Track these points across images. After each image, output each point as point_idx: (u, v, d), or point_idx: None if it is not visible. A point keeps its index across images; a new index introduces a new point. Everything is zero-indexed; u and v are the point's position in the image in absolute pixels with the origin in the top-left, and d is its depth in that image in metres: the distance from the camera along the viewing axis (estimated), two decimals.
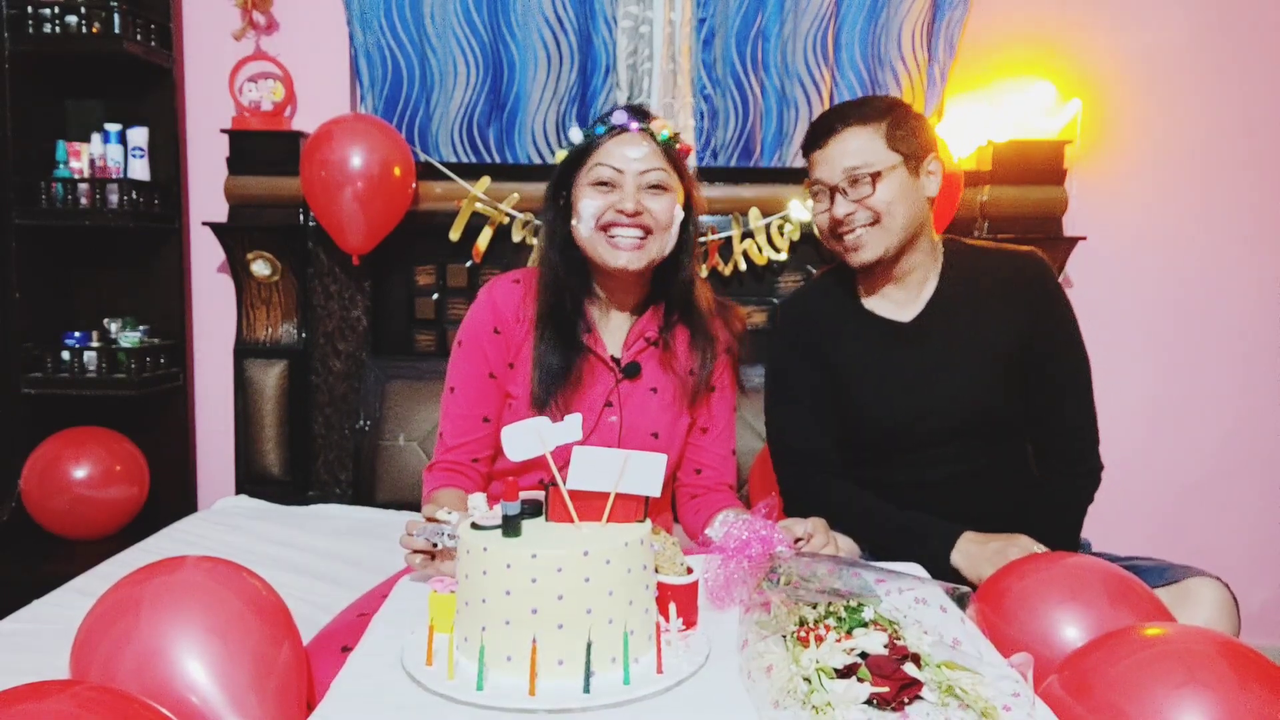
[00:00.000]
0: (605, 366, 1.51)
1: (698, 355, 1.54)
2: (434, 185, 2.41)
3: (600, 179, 1.44)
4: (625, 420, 1.48)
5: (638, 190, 1.43)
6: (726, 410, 1.62)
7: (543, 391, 1.45)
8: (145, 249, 2.56)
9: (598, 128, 1.47)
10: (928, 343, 1.58)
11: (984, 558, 1.44)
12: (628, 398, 1.50)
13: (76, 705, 0.87)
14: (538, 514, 1.05)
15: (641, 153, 1.44)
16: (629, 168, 1.43)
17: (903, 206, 1.52)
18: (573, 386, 1.47)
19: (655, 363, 1.53)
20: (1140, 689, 0.93)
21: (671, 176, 1.46)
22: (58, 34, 2.33)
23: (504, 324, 1.51)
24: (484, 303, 1.53)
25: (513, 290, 1.53)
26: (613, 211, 1.43)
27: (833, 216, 1.54)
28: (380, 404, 2.40)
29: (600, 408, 1.48)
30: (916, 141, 1.54)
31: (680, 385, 1.53)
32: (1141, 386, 2.58)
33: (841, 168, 1.51)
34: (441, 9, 2.47)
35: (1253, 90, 2.51)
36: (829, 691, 0.88)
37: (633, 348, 1.52)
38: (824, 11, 2.42)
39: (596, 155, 1.45)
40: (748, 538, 1.15)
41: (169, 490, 2.61)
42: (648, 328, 1.54)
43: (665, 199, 1.45)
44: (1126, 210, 2.55)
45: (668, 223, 1.45)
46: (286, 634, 1.12)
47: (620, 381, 1.50)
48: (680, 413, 1.54)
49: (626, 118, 1.46)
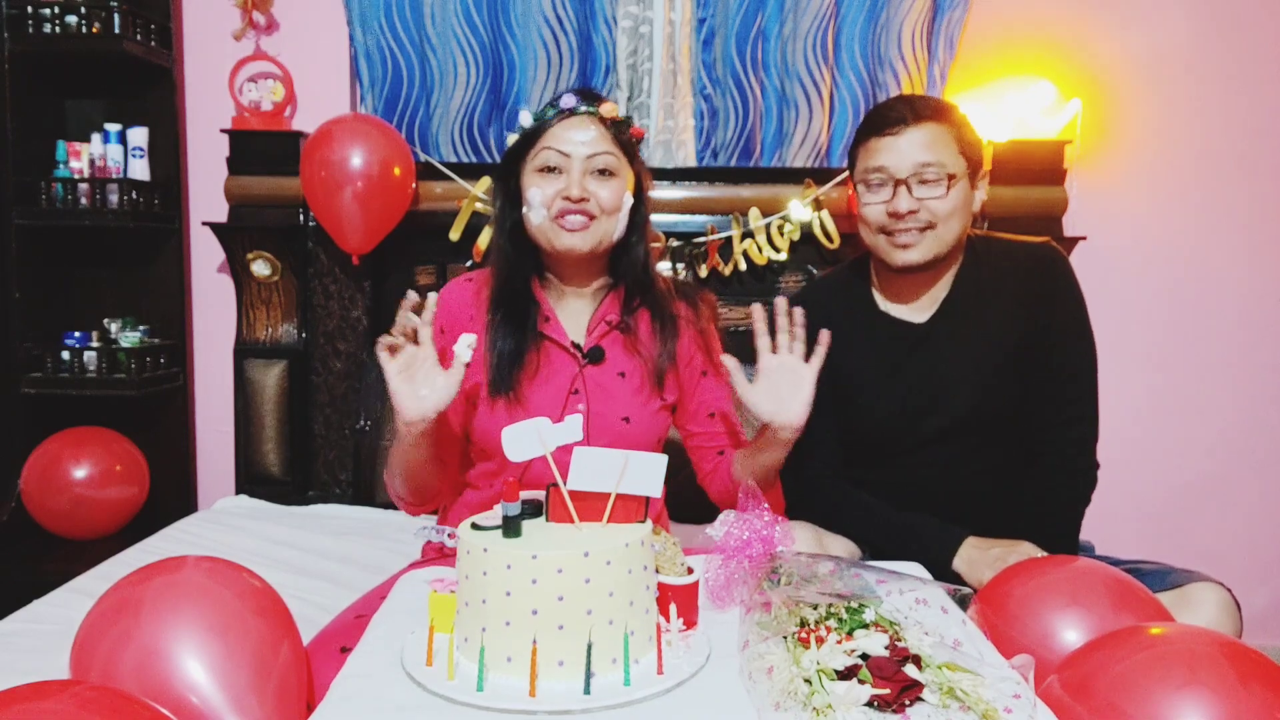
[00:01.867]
0: (566, 354, 1.48)
1: (658, 336, 1.51)
2: (434, 185, 2.41)
3: (547, 164, 1.42)
4: (593, 406, 1.46)
5: (584, 175, 1.41)
6: (724, 388, 1.57)
7: (498, 377, 1.43)
8: (145, 249, 2.56)
9: (546, 110, 1.45)
10: (938, 343, 1.56)
11: (985, 563, 1.44)
12: (594, 384, 1.48)
13: (76, 705, 0.87)
14: (538, 514, 1.05)
15: (589, 136, 1.42)
16: (576, 151, 1.41)
17: (959, 218, 1.49)
18: (529, 373, 1.44)
19: (620, 347, 1.50)
20: (1141, 689, 0.93)
21: (620, 160, 1.44)
22: (58, 34, 2.33)
23: (451, 322, 1.48)
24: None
25: (463, 288, 1.52)
26: (560, 200, 1.40)
27: (892, 210, 1.47)
28: (380, 404, 2.40)
29: (566, 395, 1.46)
30: (977, 152, 1.51)
31: (647, 368, 1.50)
32: (1142, 386, 2.58)
33: (914, 161, 1.46)
34: (441, 9, 2.46)
35: (1253, 90, 2.51)
36: (830, 693, 0.88)
37: (595, 333, 1.50)
38: (824, 11, 2.42)
39: (544, 139, 1.43)
40: (748, 538, 1.15)
41: (169, 490, 2.60)
42: (609, 312, 1.51)
43: (613, 183, 1.43)
44: (1126, 210, 2.55)
45: (615, 207, 1.43)
46: (286, 634, 1.12)
47: (584, 367, 1.48)
48: (651, 395, 1.51)
49: (575, 100, 1.43)
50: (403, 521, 2.22)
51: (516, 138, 1.47)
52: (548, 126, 1.43)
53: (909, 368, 1.56)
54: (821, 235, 2.36)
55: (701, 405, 1.57)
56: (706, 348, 1.56)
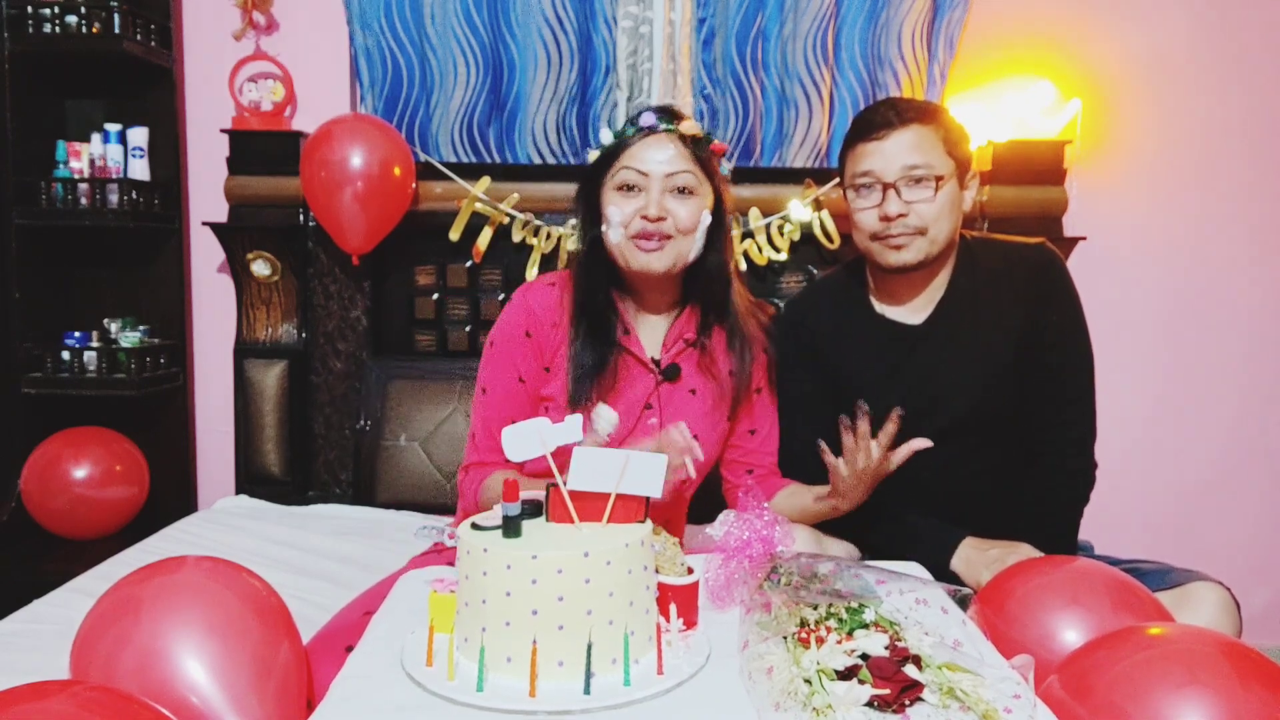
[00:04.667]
0: (644, 368, 1.49)
1: (735, 356, 1.52)
2: (434, 185, 2.41)
3: (626, 182, 1.43)
4: (665, 422, 1.46)
5: (663, 194, 1.42)
6: (772, 410, 1.61)
7: (578, 390, 1.43)
8: (145, 249, 2.56)
9: (627, 129, 1.46)
10: (935, 344, 1.56)
11: (983, 564, 1.44)
12: (668, 399, 1.49)
13: (76, 705, 0.87)
14: (538, 514, 1.05)
15: (667, 155, 1.42)
16: (654, 170, 1.42)
17: (949, 219, 1.49)
18: (609, 385, 1.45)
19: (694, 365, 1.52)
20: (1141, 689, 0.93)
21: (700, 178, 1.44)
22: (58, 34, 2.33)
23: (537, 327, 1.49)
24: (517, 305, 1.51)
25: (548, 293, 1.52)
26: (639, 220, 1.41)
27: (883, 213, 1.48)
28: (380, 404, 2.40)
29: (640, 409, 1.47)
30: (965, 152, 1.51)
31: (719, 388, 1.52)
32: (1142, 387, 2.58)
33: (901, 164, 1.46)
34: (441, 9, 2.46)
35: (1253, 90, 2.51)
36: (830, 693, 0.88)
37: (671, 349, 1.51)
38: (824, 11, 2.42)
39: (623, 158, 1.44)
40: (749, 538, 1.15)
41: (169, 490, 2.60)
42: (685, 329, 1.52)
43: (691, 202, 1.43)
44: (1126, 210, 2.55)
45: (691, 226, 1.43)
46: (286, 634, 1.12)
47: (661, 383, 1.49)
48: (720, 417, 1.53)
49: (654, 118, 1.44)
50: (403, 521, 2.22)
51: (597, 155, 1.48)
52: (627, 145, 1.44)
53: (906, 369, 1.56)
54: (821, 235, 2.36)
55: (747, 422, 1.59)
56: (768, 367, 1.59)
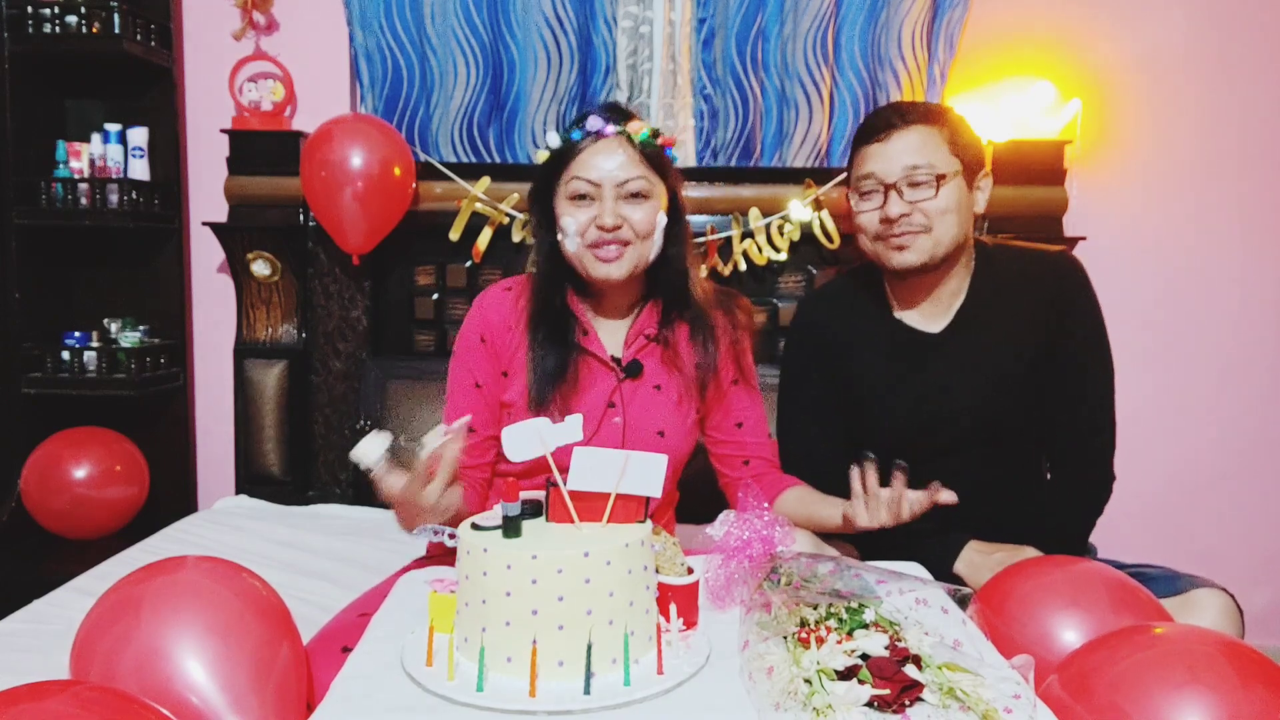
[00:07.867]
0: (605, 367, 1.49)
1: (699, 347, 1.52)
2: (434, 185, 2.41)
3: (578, 193, 1.41)
4: (629, 420, 1.47)
5: (616, 201, 1.40)
6: (755, 398, 1.60)
7: (539, 394, 1.44)
8: (145, 249, 2.56)
9: (574, 132, 1.43)
10: (952, 353, 1.55)
11: (988, 567, 1.44)
12: (631, 397, 1.49)
13: (76, 705, 0.87)
14: (538, 514, 1.05)
15: (617, 161, 1.40)
16: (605, 180, 1.40)
17: (955, 218, 1.48)
18: (570, 387, 1.45)
19: (657, 360, 1.51)
20: (1141, 689, 0.93)
21: (653, 180, 1.43)
22: (58, 34, 2.33)
23: (491, 332, 1.49)
24: (473, 312, 1.52)
25: (503, 298, 1.52)
26: (594, 229, 1.40)
27: (885, 215, 1.48)
28: (380, 404, 2.40)
29: (603, 409, 1.47)
30: (974, 153, 1.51)
31: (684, 381, 1.51)
32: (1142, 387, 2.58)
33: (902, 165, 1.46)
34: (441, 9, 2.46)
35: (1252, 90, 2.51)
36: (830, 693, 0.88)
37: (633, 346, 1.51)
38: (824, 11, 2.42)
39: (574, 166, 1.42)
40: (749, 538, 1.15)
41: (169, 490, 2.61)
42: (647, 325, 1.52)
43: (646, 206, 1.42)
44: (1126, 210, 2.55)
45: (648, 230, 1.42)
46: (286, 634, 1.12)
47: (622, 381, 1.49)
48: (688, 409, 1.52)
49: (602, 122, 1.41)
50: None
51: (546, 156, 1.46)
52: (577, 151, 1.42)
53: (923, 376, 1.56)
54: (821, 235, 2.36)
55: (729, 414, 1.58)
56: (738, 356, 1.57)
